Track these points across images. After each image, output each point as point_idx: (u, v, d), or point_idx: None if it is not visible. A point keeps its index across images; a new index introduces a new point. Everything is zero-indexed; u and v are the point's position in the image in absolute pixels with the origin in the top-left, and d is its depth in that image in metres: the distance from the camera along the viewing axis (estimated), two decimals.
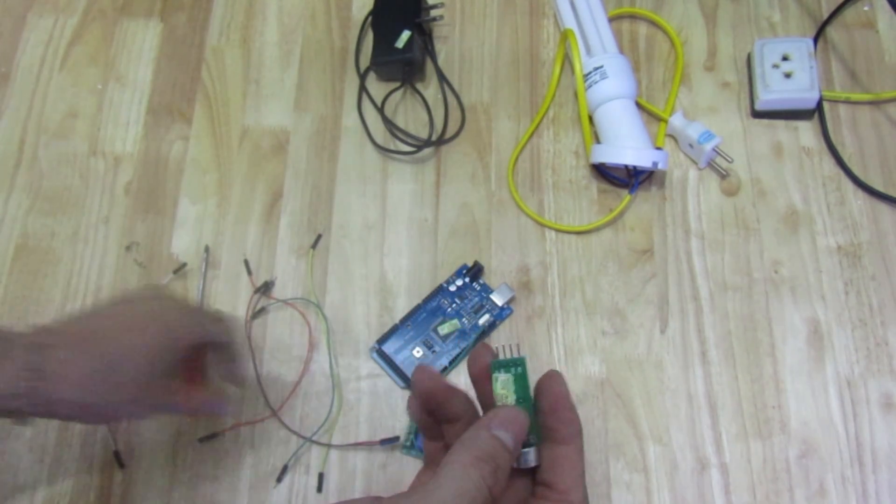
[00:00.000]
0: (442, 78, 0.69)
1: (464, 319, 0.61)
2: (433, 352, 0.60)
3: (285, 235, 0.64)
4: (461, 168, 0.66)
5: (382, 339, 0.60)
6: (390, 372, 0.60)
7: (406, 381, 0.59)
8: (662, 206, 0.64)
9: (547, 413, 0.38)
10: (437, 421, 0.39)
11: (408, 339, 0.60)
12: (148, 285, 0.52)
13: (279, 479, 0.57)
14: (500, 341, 0.60)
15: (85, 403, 0.43)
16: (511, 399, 0.38)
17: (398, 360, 0.60)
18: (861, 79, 0.67)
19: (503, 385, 0.38)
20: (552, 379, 0.39)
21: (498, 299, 0.61)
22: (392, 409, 0.59)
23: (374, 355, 0.60)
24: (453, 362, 0.60)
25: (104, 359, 0.43)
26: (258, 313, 0.62)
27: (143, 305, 0.47)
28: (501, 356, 0.39)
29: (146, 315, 0.46)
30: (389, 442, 0.57)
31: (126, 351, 0.44)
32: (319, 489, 0.57)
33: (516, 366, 0.38)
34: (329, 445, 0.58)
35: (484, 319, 0.60)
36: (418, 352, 0.60)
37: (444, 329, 0.60)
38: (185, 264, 0.63)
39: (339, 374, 0.60)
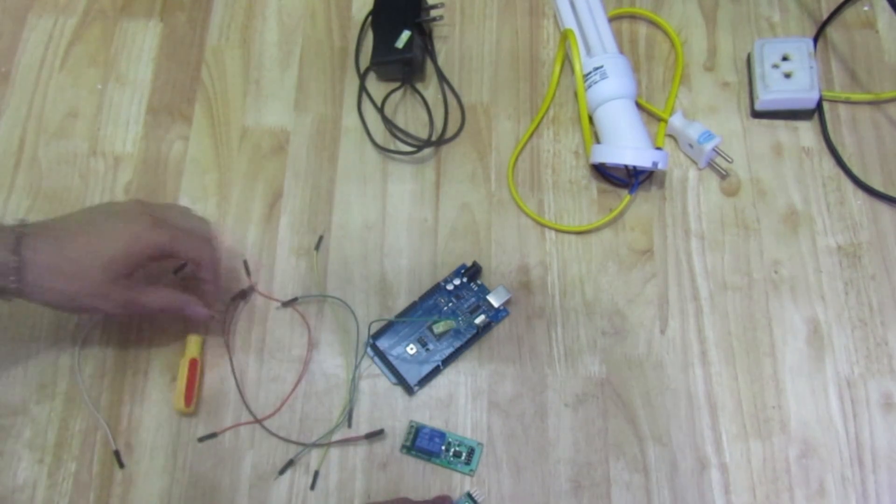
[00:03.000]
0: (442, 78, 0.69)
1: (459, 319, 0.61)
2: (427, 349, 0.60)
3: (285, 235, 0.64)
4: (461, 168, 0.66)
5: (377, 335, 0.60)
6: (383, 368, 0.60)
7: (397, 377, 0.59)
8: (662, 206, 0.64)
9: None
10: None
11: (402, 335, 0.60)
12: (136, 199, 0.57)
13: (281, 472, 0.57)
14: (498, 342, 0.60)
15: (52, 289, 0.50)
16: None
17: (391, 356, 0.60)
18: (861, 79, 0.67)
19: None
20: None
21: (495, 301, 0.60)
22: (392, 409, 0.59)
23: (369, 350, 0.60)
24: (446, 361, 0.60)
25: (70, 253, 0.51)
26: (238, 314, 0.62)
27: (118, 212, 0.54)
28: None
29: (117, 221, 0.53)
30: (374, 436, 0.57)
31: (90, 249, 0.51)
32: (312, 487, 0.57)
33: None
34: (314, 445, 0.58)
35: (480, 320, 0.60)
36: (412, 349, 0.60)
37: (440, 328, 0.60)
38: (185, 264, 0.63)
39: (339, 374, 0.60)
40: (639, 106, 0.65)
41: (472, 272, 0.62)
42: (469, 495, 0.56)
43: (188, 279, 0.60)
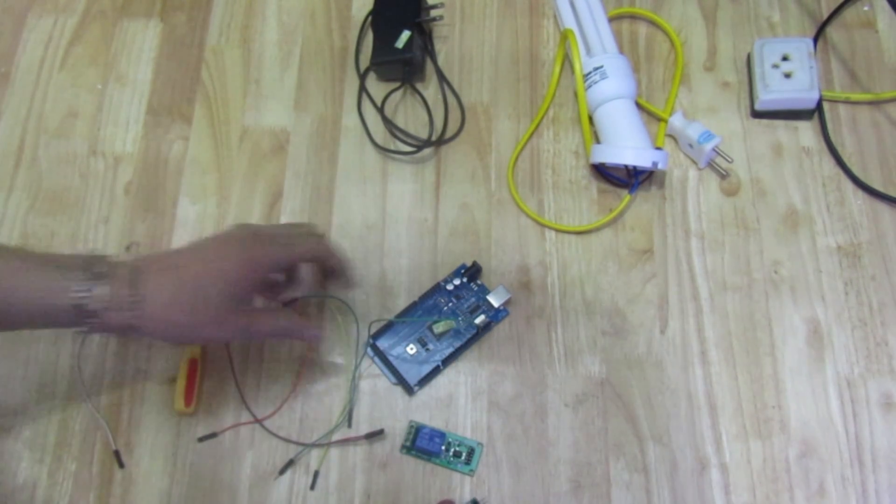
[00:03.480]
0: (442, 78, 0.69)
1: (459, 319, 0.61)
2: (427, 349, 0.60)
3: None
4: (461, 168, 0.66)
5: (377, 335, 0.60)
6: (383, 368, 0.60)
7: (397, 377, 0.59)
8: (662, 206, 0.64)
9: None
10: None
11: (402, 335, 0.60)
12: (240, 223, 0.57)
13: (281, 472, 0.57)
14: (498, 342, 0.60)
15: (171, 321, 0.50)
16: None
17: (391, 356, 0.60)
18: (861, 79, 0.67)
19: None
20: None
21: (494, 300, 0.60)
22: (391, 409, 0.59)
23: (369, 350, 0.60)
24: (446, 361, 0.60)
25: (187, 284, 0.50)
26: None
27: (228, 238, 0.53)
28: None
29: (229, 246, 0.52)
30: (374, 436, 0.57)
31: (207, 277, 0.50)
32: (312, 487, 0.57)
33: None
34: (314, 445, 0.58)
35: (479, 320, 0.60)
36: (412, 349, 0.60)
37: (440, 328, 0.60)
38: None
39: (339, 374, 0.60)
40: (639, 106, 0.66)
41: (472, 272, 0.62)
42: (475, 502, 0.56)
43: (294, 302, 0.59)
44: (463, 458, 0.57)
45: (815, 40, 0.68)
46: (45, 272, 0.48)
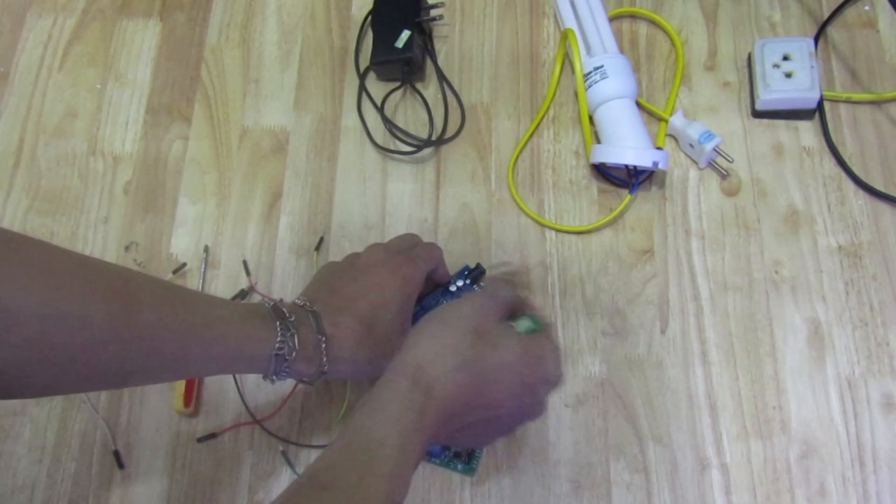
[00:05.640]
0: (442, 78, 0.68)
1: None
2: None
3: (285, 235, 0.64)
4: (461, 168, 0.66)
5: None
6: None
7: None
8: (662, 206, 0.64)
9: None
10: None
11: None
12: (369, 247, 0.56)
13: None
14: None
15: (357, 359, 0.51)
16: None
17: None
18: (862, 78, 0.67)
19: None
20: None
21: None
22: None
23: None
24: None
25: (363, 320, 0.51)
26: None
27: (375, 266, 0.54)
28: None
29: (380, 274, 0.53)
30: None
31: (378, 309, 0.52)
32: None
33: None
34: (313, 445, 0.58)
35: None
36: None
37: None
38: (184, 264, 0.63)
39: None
40: (639, 106, 0.65)
41: (476, 274, 0.62)
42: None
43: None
44: (463, 458, 0.57)
45: (816, 40, 0.68)
46: (247, 323, 0.47)
